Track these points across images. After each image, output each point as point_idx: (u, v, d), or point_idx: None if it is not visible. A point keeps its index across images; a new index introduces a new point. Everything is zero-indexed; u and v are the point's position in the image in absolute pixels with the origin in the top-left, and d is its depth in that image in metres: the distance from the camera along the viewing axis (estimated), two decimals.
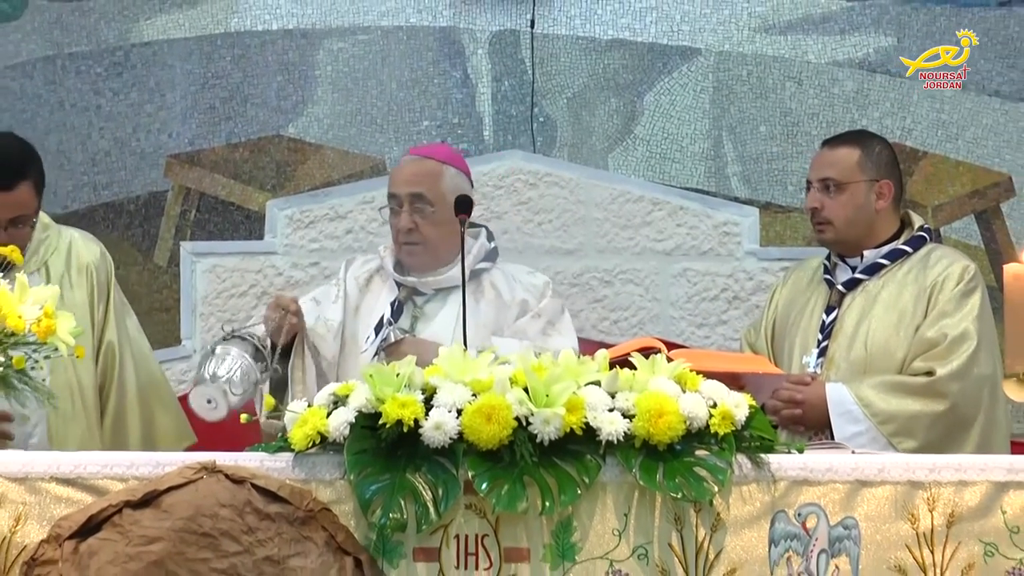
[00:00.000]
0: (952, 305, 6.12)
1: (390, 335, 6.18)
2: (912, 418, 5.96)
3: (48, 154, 7.78)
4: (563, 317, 6.34)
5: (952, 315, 6.09)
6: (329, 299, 6.50)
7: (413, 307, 6.34)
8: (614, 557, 4.61)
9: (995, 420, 6.06)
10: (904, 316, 6.16)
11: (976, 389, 5.99)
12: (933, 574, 4.66)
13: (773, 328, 6.57)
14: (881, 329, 6.19)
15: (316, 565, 4.51)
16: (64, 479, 4.64)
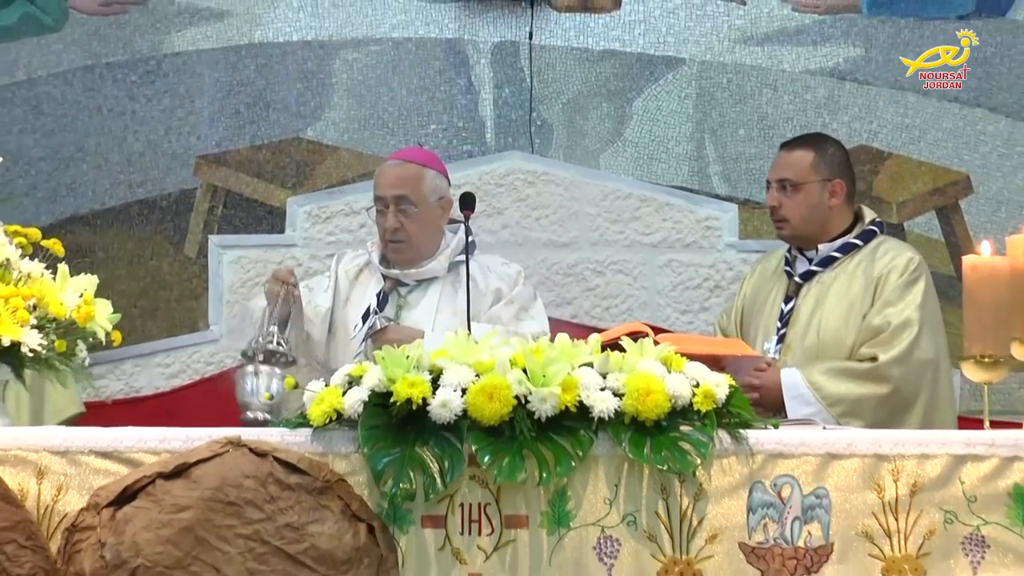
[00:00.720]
0: (896, 294, 6.15)
1: (376, 323, 6.21)
2: (858, 401, 5.98)
3: (87, 155, 7.82)
4: (535, 303, 6.39)
5: (896, 304, 6.12)
6: (321, 288, 6.57)
7: (397, 297, 6.37)
8: (605, 524, 4.61)
9: (937, 400, 6.08)
10: (853, 305, 6.18)
11: (917, 372, 6.02)
12: (897, 540, 4.65)
13: (742, 315, 6.59)
14: (832, 318, 6.21)
15: (332, 531, 4.51)
16: (101, 452, 4.63)
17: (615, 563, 4.61)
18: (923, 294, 6.17)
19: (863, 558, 4.64)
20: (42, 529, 4.51)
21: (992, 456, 4.70)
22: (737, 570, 4.61)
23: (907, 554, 4.66)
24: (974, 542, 4.67)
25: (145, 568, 4.41)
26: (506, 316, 6.17)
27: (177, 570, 4.43)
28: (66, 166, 7.84)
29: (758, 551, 4.64)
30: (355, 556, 4.51)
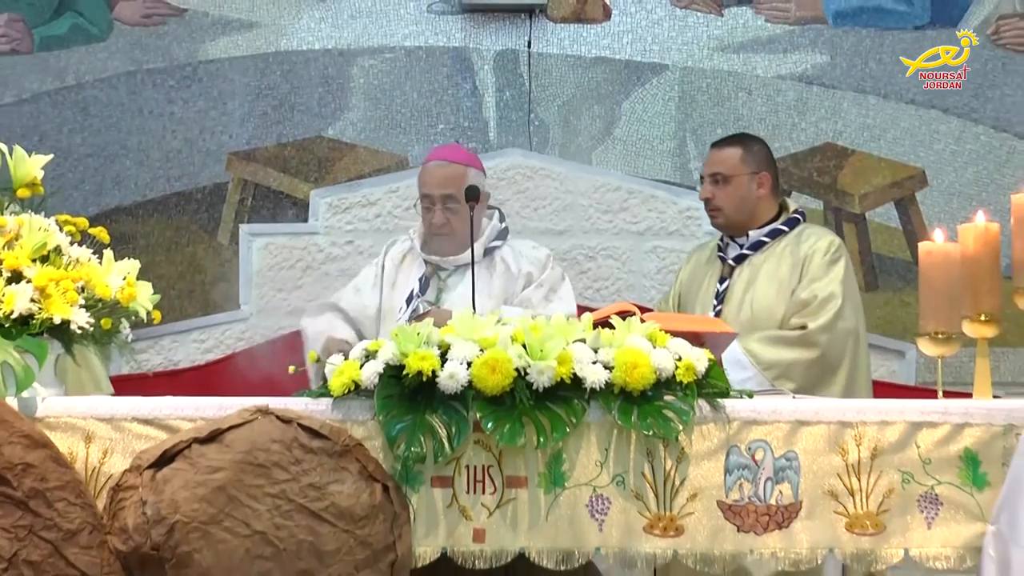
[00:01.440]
0: (821, 271, 6.16)
1: (419, 306, 6.19)
2: (790, 365, 5.99)
3: (130, 152, 7.81)
4: (563, 284, 6.34)
5: (820, 280, 6.13)
6: (368, 285, 6.50)
7: (438, 281, 6.35)
8: (597, 483, 4.60)
9: (857, 365, 6.11)
10: (783, 283, 6.19)
11: (841, 339, 6.04)
12: (859, 498, 4.65)
13: (679, 299, 6.60)
14: (764, 295, 6.22)
15: (351, 490, 4.51)
16: (143, 419, 4.63)
17: (605, 519, 4.61)
18: (844, 271, 6.19)
19: (829, 515, 4.64)
20: (90, 488, 4.51)
21: (945, 423, 4.70)
22: (715, 526, 4.61)
23: (868, 511, 4.65)
24: (929, 500, 4.67)
25: (182, 524, 4.41)
26: (536, 298, 6.15)
27: (211, 525, 4.43)
28: (111, 162, 7.83)
29: (734, 508, 4.63)
30: (371, 513, 4.51)
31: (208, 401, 4.72)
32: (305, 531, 4.46)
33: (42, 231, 4.82)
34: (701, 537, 4.61)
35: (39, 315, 4.63)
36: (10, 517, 4.40)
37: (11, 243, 4.76)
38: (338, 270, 7.49)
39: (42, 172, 5.04)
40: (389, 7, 8.01)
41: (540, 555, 4.61)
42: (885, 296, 7.87)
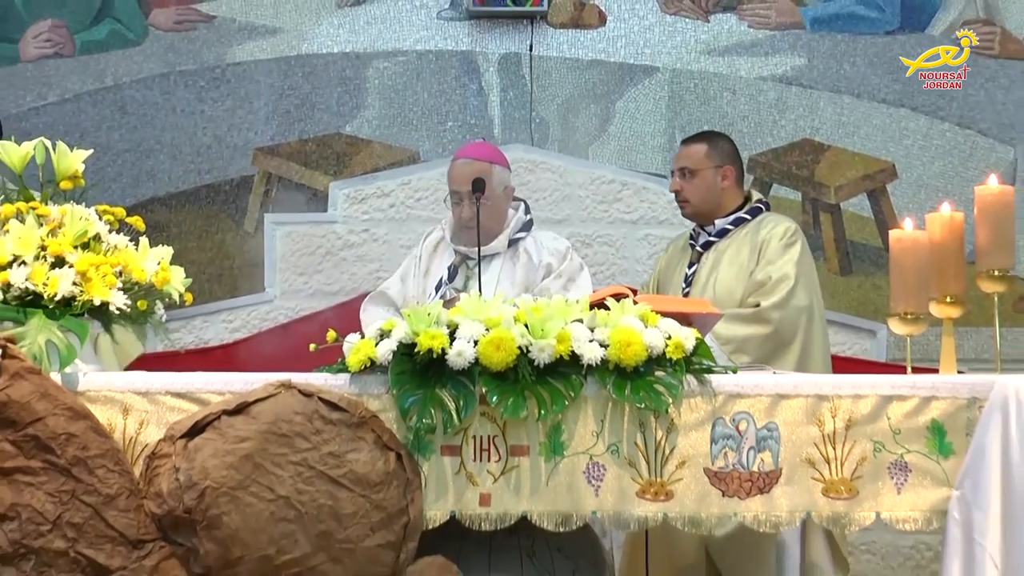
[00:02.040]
0: (776, 255, 6.14)
1: (446, 293, 6.18)
2: (745, 340, 5.98)
3: (164, 147, 7.82)
4: (581, 274, 6.32)
5: (775, 262, 6.11)
6: (410, 274, 6.48)
7: (466, 269, 6.33)
8: (593, 452, 4.60)
9: (811, 341, 6.07)
10: (742, 266, 6.18)
11: (794, 317, 6.00)
12: (835, 465, 4.64)
13: (658, 285, 6.60)
14: (725, 277, 6.22)
15: (367, 458, 4.50)
16: (176, 393, 4.63)
17: (601, 485, 4.60)
18: (799, 254, 6.16)
19: (807, 481, 4.64)
20: (127, 456, 4.51)
21: (913, 396, 4.69)
22: (702, 491, 4.60)
23: (843, 477, 4.65)
24: (898, 467, 4.67)
25: (212, 489, 4.41)
26: (555, 288, 6.12)
27: (238, 490, 4.43)
28: (146, 157, 7.83)
29: (720, 475, 4.63)
30: (386, 479, 4.51)
31: (236, 376, 4.72)
32: (325, 496, 4.46)
33: (83, 220, 4.82)
34: (689, 501, 4.61)
35: (80, 297, 4.64)
36: (54, 483, 4.40)
37: (55, 231, 4.76)
38: (355, 256, 7.49)
39: (83, 166, 5.04)
40: (402, 14, 8.00)
41: (541, 518, 4.61)
42: (858, 280, 7.87)
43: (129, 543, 4.43)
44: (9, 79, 7.93)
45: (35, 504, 4.40)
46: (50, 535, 4.38)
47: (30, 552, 4.38)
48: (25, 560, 4.37)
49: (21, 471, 4.41)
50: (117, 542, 4.43)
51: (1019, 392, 4.65)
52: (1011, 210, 5.27)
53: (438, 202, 7.21)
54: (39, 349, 4.54)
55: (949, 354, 5.04)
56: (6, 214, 4.79)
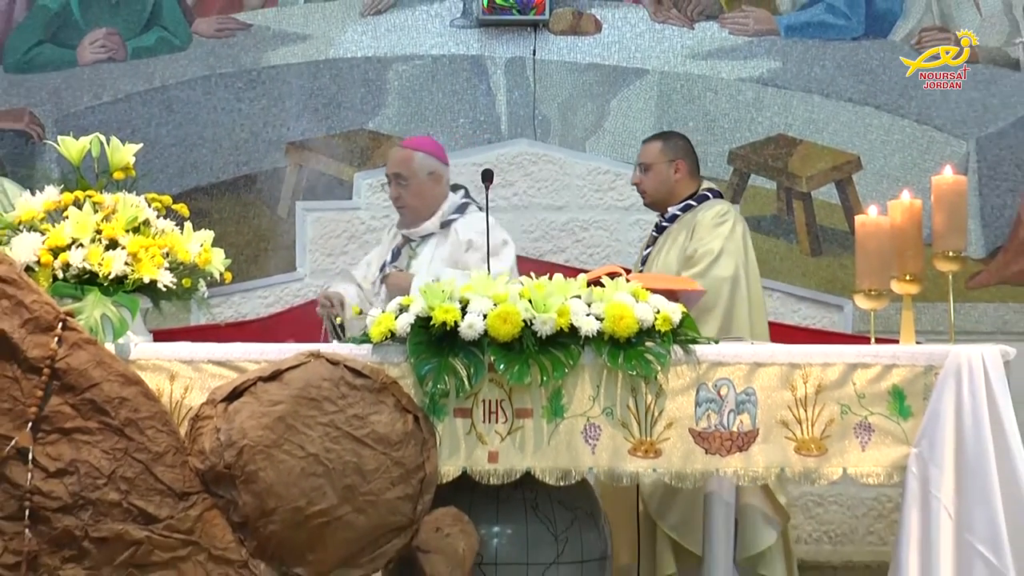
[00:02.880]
0: (706, 232, 6.13)
1: (387, 270, 6.19)
2: None
3: (206, 142, 7.81)
4: (504, 248, 6.24)
5: (704, 238, 6.10)
6: (375, 258, 6.53)
7: (409, 250, 6.33)
8: (590, 414, 4.60)
9: (734, 308, 6.03)
10: (680, 246, 6.17)
11: (715, 286, 5.96)
12: (806, 426, 4.65)
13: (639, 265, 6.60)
14: (667, 257, 6.22)
15: (388, 420, 4.50)
16: (217, 361, 4.64)
17: (597, 443, 4.61)
18: (729, 231, 6.14)
19: (781, 440, 4.64)
20: (173, 418, 4.52)
21: (876, 364, 4.70)
22: (687, 449, 4.61)
23: (813, 437, 4.66)
24: (863, 428, 4.68)
25: (249, 447, 4.42)
26: (472, 261, 6.07)
27: (273, 448, 4.43)
28: (190, 150, 7.83)
29: (703, 434, 4.63)
30: (404, 438, 4.51)
31: (270, 347, 4.73)
32: (350, 453, 4.46)
33: (134, 207, 4.83)
34: (676, 458, 4.62)
35: (132, 276, 4.65)
36: (109, 441, 4.40)
37: (109, 217, 4.77)
38: (376, 239, 7.45)
39: (133, 158, 5.04)
40: (418, 22, 7.98)
41: (543, 473, 4.62)
42: (827, 260, 7.85)
43: (176, 495, 4.44)
44: (68, 81, 7.92)
45: (92, 460, 4.40)
46: (105, 488, 4.39)
47: (88, 503, 4.38)
48: (83, 510, 4.38)
49: (79, 431, 4.41)
50: (165, 494, 4.43)
51: (971, 360, 4.66)
52: (964, 198, 5.29)
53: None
54: (95, 322, 4.55)
55: (908, 326, 5.04)
56: (66, 202, 4.80)
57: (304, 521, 4.45)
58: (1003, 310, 7.78)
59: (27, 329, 4.43)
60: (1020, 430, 4.69)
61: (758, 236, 7.81)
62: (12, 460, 4.36)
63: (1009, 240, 7.89)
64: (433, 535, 4.55)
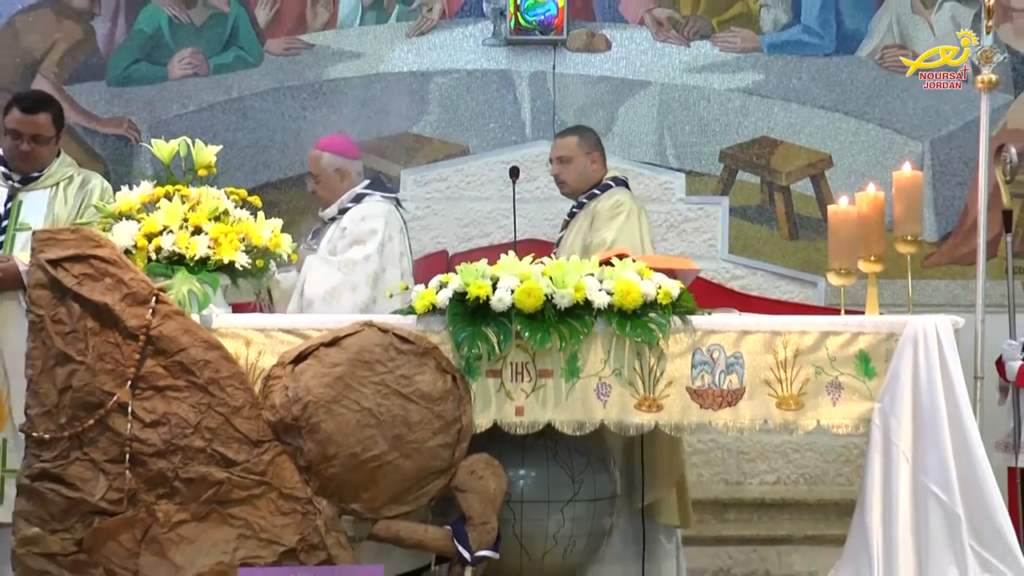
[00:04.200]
0: (602, 223, 6.01)
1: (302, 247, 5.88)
2: None
3: (275, 144, 7.84)
4: (371, 237, 5.92)
5: (600, 229, 5.99)
6: None
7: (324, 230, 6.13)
8: (602, 375, 4.59)
9: None
10: (582, 232, 6.08)
11: None
12: (785, 385, 4.63)
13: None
14: (571, 242, 6.12)
15: (430, 379, 4.50)
16: (285, 330, 4.64)
17: (608, 399, 4.60)
18: (623, 220, 6.03)
19: (764, 397, 4.63)
20: (249, 378, 4.53)
21: (846, 332, 4.69)
22: (684, 404, 4.61)
23: (792, 394, 4.64)
24: (834, 386, 4.66)
25: (312, 403, 4.42)
26: (341, 245, 5.92)
27: (332, 404, 4.44)
28: (262, 151, 7.83)
29: (698, 392, 4.62)
30: (444, 395, 4.51)
31: (330, 317, 4.76)
32: (398, 408, 4.47)
33: (215, 199, 4.84)
34: (675, 412, 4.62)
35: (213, 257, 4.67)
36: (195, 397, 4.42)
37: (194, 207, 4.78)
38: (420, 226, 7.47)
39: (214, 158, 5.05)
40: (455, 42, 7.96)
41: (562, 425, 4.62)
42: (803, 244, 7.82)
43: (251, 443, 4.45)
44: (160, 93, 7.93)
45: (181, 413, 4.42)
46: (192, 436, 4.41)
47: (177, 449, 4.40)
48: (174, 455, 4.40)
49: (170, 388, 4.43)
50: (242, 442, 4.45)
51: (926, 328, 4.66)
52: (920, 190, 5.30)
53: (483, 185, 7.21)
54: (183, 296, 4.56)
55: (873, 300, 5.02)
56: (158, 195, 4.82)
57: (359, 465, 4.45)
58: (952, 286, 7.76)
59: (126, 302, 4.46)
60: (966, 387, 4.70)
61: (744, 223, 7.82)
62: (115, 412, 4.39)
63: (958, 226, 7.87)
64: (468, 477, 4.56)
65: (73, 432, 4.38)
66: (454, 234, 7.35)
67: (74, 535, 4.37)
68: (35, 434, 4.40)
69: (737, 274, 7.43)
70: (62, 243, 4.52)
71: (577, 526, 4.86)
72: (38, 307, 4.45)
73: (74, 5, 7.96)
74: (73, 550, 4.36)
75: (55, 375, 4.41)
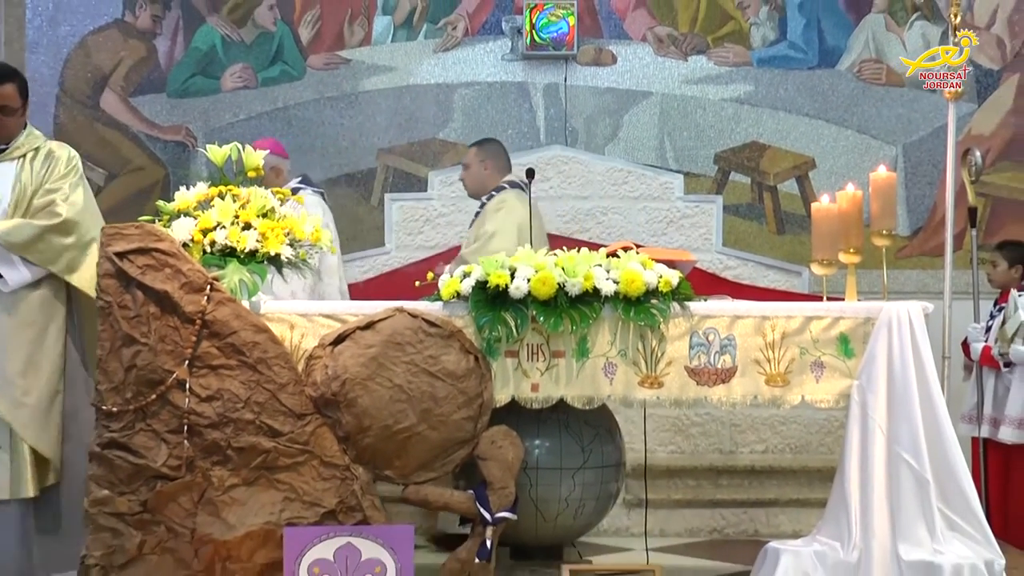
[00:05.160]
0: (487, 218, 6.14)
1: None
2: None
3: (316, 149, 7.89)
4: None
5: (486, 223, 6.15)
6: None
7: None
8: (608, 355, 4.58)
9: None
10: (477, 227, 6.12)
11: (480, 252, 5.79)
12: (773, 364, 4.62)
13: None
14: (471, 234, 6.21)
15: (455, 359, 4.50)
16: (325, 315, 4.64)
17: (614, 377, 4.59)
18: (504, 215, 6.12)
19: (754, 375, 4.61)
20: (293, 357, 4.53)
21: (827, 316, 4.67)
22: (683, 382, 4.60)
23: (779, 372, 4.62)
24: (817, 365, 4.65)
25: (350, 380, 4.42)
26: None
27: (367, 381, 4.44)
28: (304, 155, 7.80)
29: (695, 370, 4.60)
30: (467, 373, 4.50)
31: (365, 304, 4.73)
32: (426, 384, 4.46)
33: (263, 198, 4.83)
34: (674, 389, 4.61)
35: (261, 250, 4.66)
36: (245, 375, 4.42)
37: (244, 205, 4.77)
38: (445, 222, 7.45)
39: (262, 161, 5.04)
40: (477, 56, 7.94)
41: (573, 400, 4.62)
42: (789, 237, 7.80)
43: (295, 416, 4.45)
44: (214, 104, 7.94)
45: (233, 389, 4.42)
46: (242, 410, 4.41)
47: (230, 421, 4.41)
48: (226, 426, 4.41)
49: (223, 367, 4.44)
50: (287, 415, 4.45)
51: (899, 313, 4.64)
52: (894, 189, 5.30)
53: None
54: (234, 285, 4.56)
55: (851, 288, 5.00)
56: (212, 194, 4.81)
57: (391, 436, 4.45)
58: (923, 275, 7.73)
59: (184, 290, 4.46)
60: (935, 365, 4.69)
61: (736, 219, 7.80)
62: (174, 388, 4.40)
63: (928, 222, 7.84)
64: (489, 446, 4.55)
65: (137, 406, 4.40)
66: None
67: (139, 497, 4.39)
68: (104, 407, 4.42)
69: (730, 265, 7.39)
70: (127, 237, 4.53)
71: (586, 490, 4.86)
72: (106, 294, 4.47)
73: (138, 26, 7.97)
74: (138, 510, 4.38)
75: (121, 355, 4.42)
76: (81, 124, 7.85)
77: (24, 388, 4.69)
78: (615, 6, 7.99)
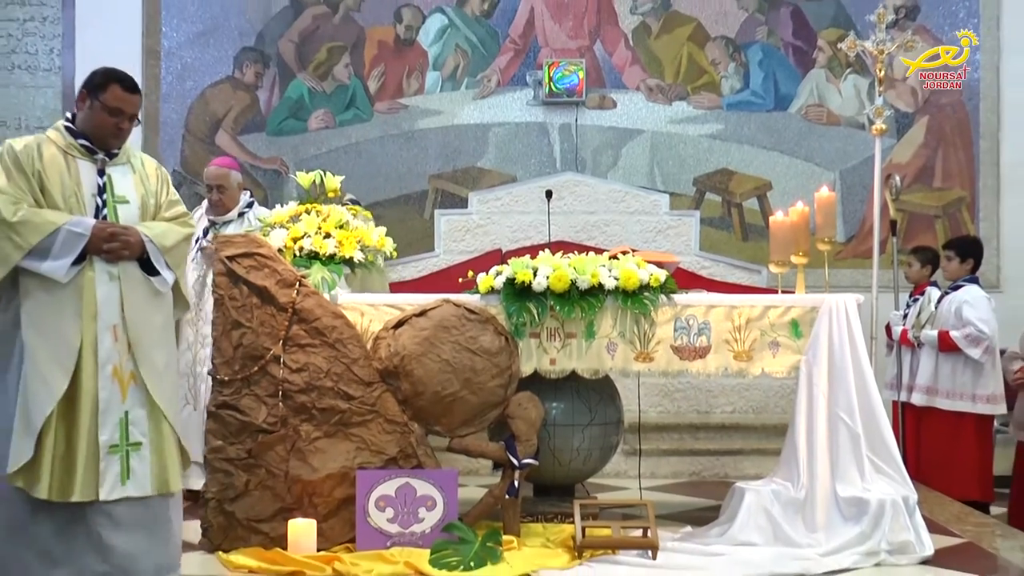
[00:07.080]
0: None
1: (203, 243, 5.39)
2: None
3: (379, 175, 7.87)
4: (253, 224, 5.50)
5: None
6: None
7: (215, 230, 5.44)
8: (611, 336, 4.56)
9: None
10: None
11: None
12: (740, 343, 4.59)
13: None
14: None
15: (490, 339, 4.48)
16: (389, 304, 4.63)
17: (615, 353, 4.57)
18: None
19: (725, 352, 4.58)
20: (363, 338, 4.52)
21: (782, 306, 4.64)
22: (669, 357, 4.58)
23: (745, 350, 4.59)
24: (773, 344, 4.61)
25: (408, 356, 4.42)
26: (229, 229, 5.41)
27: (421, 357, 4.43)
28: (371, 180, 7.81)
29: (678, 348, 4.57)
30: (500, 350, 4.49)
31: (419, 296, 4.72)
32: (467, 359, 4.45)
33: (340, 213, 4.83)
34: (662, 363, 4.58)
35: (338, 254, 4.68)
36: (326, 352, 4.43)
37: (325, 219, 4.78)
38: (483, 232, 7.39)
39: (339, 184, 5.04)
40: (507, 103, 7.91)
41: (583, 371, 4.63)
42: (752, 243, 7.73)
43: (365, 384, 4.45)
44: (303, 141, 7.94)
45: (316, 363, 4.43)
46: (324, 379, 4.42)
47: (314, 387, 4.42)
48: (312, 391, 4.42)
49: (309, 346, 4.44)
50: (359, 383, 4.45)
51: (838, 303, 4.62)
52: (833, 206, 5.25)
53: (527, 202, 7.13)
54: (318, 281, 4.57)
55: (801, 283, 4.96)
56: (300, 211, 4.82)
57: (440, 400, 4.45)
58: (856, 274, 7.67)
59: (278, 285, 4.47)
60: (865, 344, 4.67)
61: (711, 229, 7.75)
62: (271, 362, 4.41)
63: (859, 231, 7.79)
64: (517, 408, 4.54)
65: (243, 375, 4.41)
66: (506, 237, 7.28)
67: (245, 446, 4.40)
68: (218, 376, 4.43)
69: (705, 265, 7.32)
70: (235, 244, 4.56)
71: (593, 442, 4.84)
72: (220, 288, 4.49)
73: (245, 81, 8.00)
74: (244, 456, 4.40)
75: (231, 336, 4.43)
76: (201, 157, 7.86)
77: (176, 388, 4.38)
78: (615, 63, 7.95)
